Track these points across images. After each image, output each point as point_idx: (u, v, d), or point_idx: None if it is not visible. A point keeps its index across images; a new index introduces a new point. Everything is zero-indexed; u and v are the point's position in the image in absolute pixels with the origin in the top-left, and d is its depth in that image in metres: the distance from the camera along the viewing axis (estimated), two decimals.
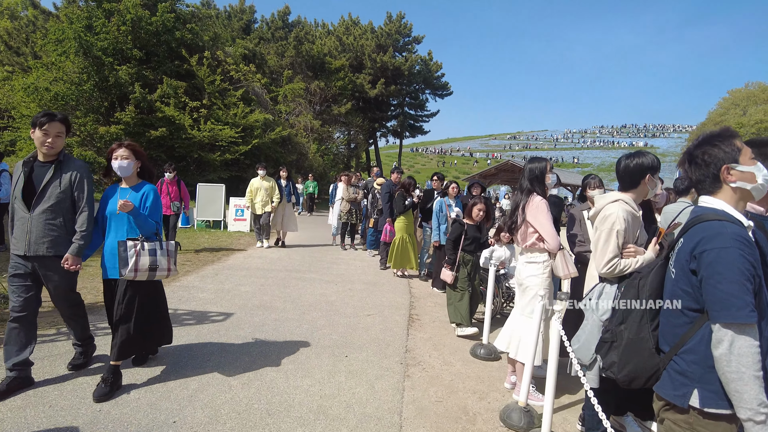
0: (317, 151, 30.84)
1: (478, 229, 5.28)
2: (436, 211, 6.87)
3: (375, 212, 10.06)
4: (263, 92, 26.76)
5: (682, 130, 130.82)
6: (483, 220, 5.30)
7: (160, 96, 20.70)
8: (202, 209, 12.89)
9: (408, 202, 7.83)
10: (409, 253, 7.78)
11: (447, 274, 5.13)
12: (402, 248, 7.80)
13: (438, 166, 79.76)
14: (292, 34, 32.25)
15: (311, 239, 12.51)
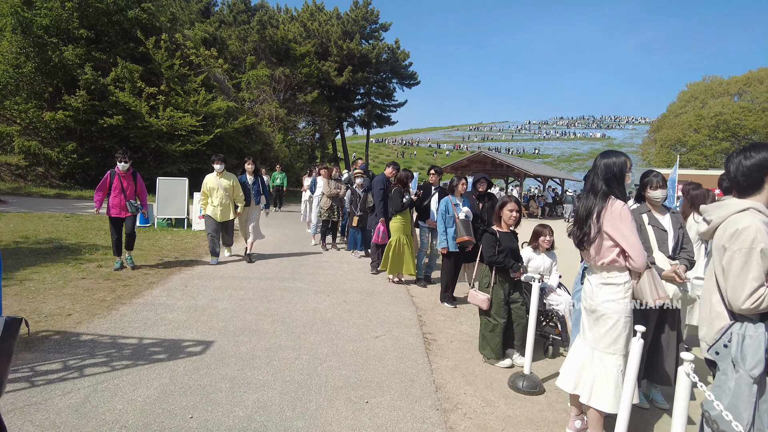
0: (283, 141, 29.48)
1: (513, 236, 4.47)
2: (441, 213, 6.01)
3: (358, 209, 9.17)
4: (225, 79, 25.21)
5: (635, 121, 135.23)
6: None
7: (114, 80, 18.96)
8: (162, 206, 11.63)
9: (406, 200, 6.97)
10: (406, 257, 6.95)
11: (480, 299, 4.28)
12: (398, 251, 6.96)
13: (398, 157, 79.16)
14: (255, 18, 30.64)
15: (286, 239, 11.50)
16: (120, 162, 6.90)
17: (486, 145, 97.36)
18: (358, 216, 9.14)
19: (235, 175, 8.19)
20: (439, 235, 6.01)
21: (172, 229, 11.43)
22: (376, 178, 7.91)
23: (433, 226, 7.08)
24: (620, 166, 2.97)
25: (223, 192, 7.97)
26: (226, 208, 8.05)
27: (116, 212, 6.93)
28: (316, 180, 10.79)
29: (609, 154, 3.02)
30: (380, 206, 7.68)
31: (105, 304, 5.22)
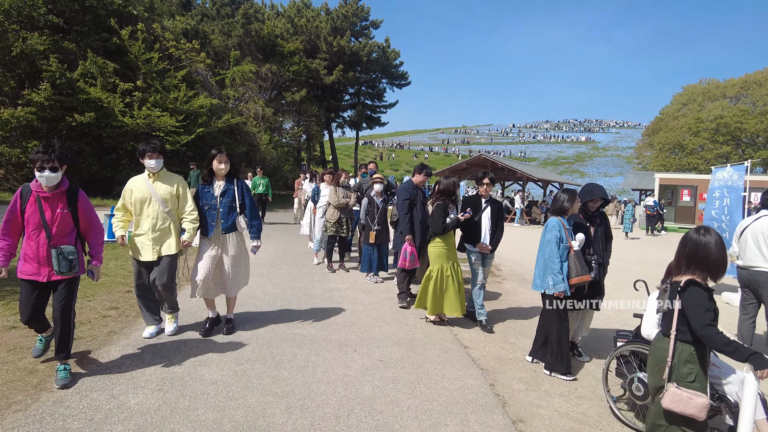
0: (269, 142, 27.69)
1: None
2: (551, 240, 4.18)
3: (375, 222, 7.55)
4: (208, 75, 23.36)
5: (618, 125, 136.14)
6: None
7: (82, 74, 17.02)
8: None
9: (452, 219, 5.37)
10: (451, 293, 5.33)
11: (697, 404, 2.50)
12: (441, 285, 5.35)
13: (379, 160, 77.74)
14: (239, 11, 28.81)
15: (282, 258, 9.82)
16: (41, 170, 3.42)
17: (472, 149, 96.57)
18: (376, 230, 7.51)
19: (183, 178, 4.76)
20: (552, 274, 4.14)
21: None
22: (401, 187, 6.33)
23: (485, 251, 5.51)
24: None
25: (159, 207, 4.49)
26: (165, 234, 4.53)
27: (31, 271, 3.55)
28: (318, 187, 9.13)
29: None
30: (405, 222, 6.11)
31: (25, 389, 3.52)
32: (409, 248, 6.01)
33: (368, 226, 7.61)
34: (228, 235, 4.79)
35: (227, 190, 4.76)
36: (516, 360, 4.67)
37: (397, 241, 6.38)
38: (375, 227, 7.53)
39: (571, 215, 4.34)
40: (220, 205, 4.70)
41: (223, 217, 4.71)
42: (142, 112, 17.53)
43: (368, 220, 7.64)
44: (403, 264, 6.14)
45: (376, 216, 7.58)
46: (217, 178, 4.81)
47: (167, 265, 4.52)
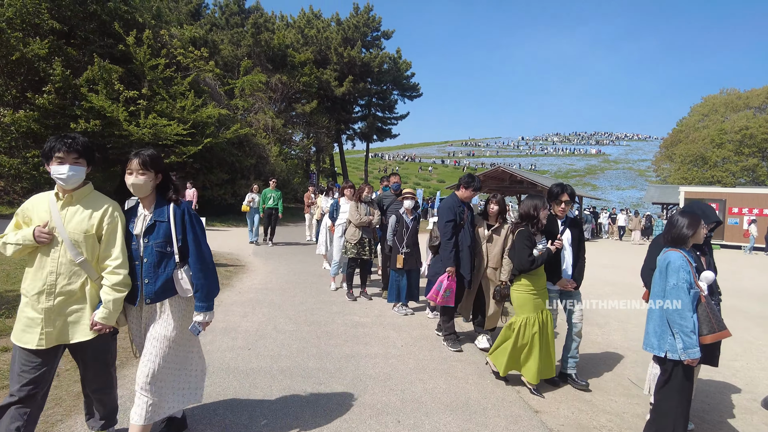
0: (279, 154, 26.86)
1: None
2: (684, 287, 3.00)
3: (404, 244, 6.51)
4: (217, 84, 22.61)
5: (628, 138, 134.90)
6: None
7: (87, 80, 16.27)
8: None
9: (540, 250, 4.12)
10: (539, 354, 4.09)
11: None
12: (524, 342, 4.12)
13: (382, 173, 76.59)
14: (249, 21, 28.18)
15: (294, 281, 8.80)
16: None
17: (484, 161, 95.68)
18: (405, 254, 6.47)
19: (118, 205, 2.82)
20: (682, 333, 2.96)
21: None
22: (444, 205, 5.26)
23: (568, 288, 4.36)
24: None
25: (66, 254, 2.57)
26: (70, 303, 2.60)
27: None
28: (338, 203, 8.13)
29: None
30: (449, 249, 5.04)
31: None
32: (446, 282, 4.96)
33: (396, 249, 6.57)
34: (158, 306, 2.77)
35: (155, 225, 2.76)
36: (605, 429, 3.60)
37: (436, 269, 5.33)
38: (404, 250, 6.49)
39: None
40: (143, 251, 2.73)
41: (147, 274, 2.71)
42: (148, 120, 16.72)
43: (396, 241, 6.61)
44: (432, 298, 5.12)
45: (405, 237, 6.55)
46: (142, 204, 2.85)
47: (93, 356, 2.73)
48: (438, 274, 5.18)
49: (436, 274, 5.23)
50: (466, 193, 5.28)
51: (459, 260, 5.05)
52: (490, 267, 5.04)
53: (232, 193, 21.41)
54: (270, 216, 13.15)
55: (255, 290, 7.55)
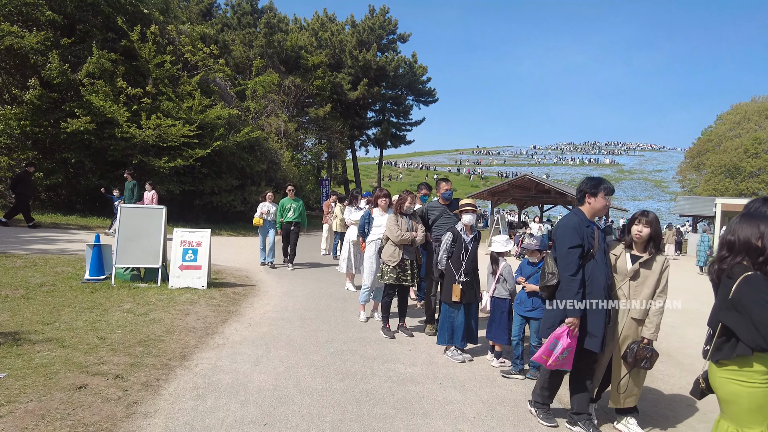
0: (291, 159, 25.56)
1: None
2: None
3: (462, 271, 5.07)
4: (227, 85, 21.39)
5: (642, 148, 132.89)
6: None
7: (87, 74, 15.10)
8: (125, 249, 7.49)
9: None
10: None
11: None
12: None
13: (397, 180, 75.84)
14: (262, 20, 27.11)
15: (316, 306, 7.37)
16: None
17: (498, 170, 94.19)
18: (462, 283, 5.05)
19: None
20: None
21: (137, 286, 7.28)
22: (564, 223, 3.62)
23: None
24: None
25: None
26: None
27: None
28: (370, 215, 6.69)
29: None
30: (573, 289, 3.41)
31: None
32: (566, 340, 3.47)
33: (451, 276, 5.14)
34: None
35: None
36: None
37: (551, 320, 3.63)
38: (461, 278, 5.06)
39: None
40: None
41: None
42: (151, 121, 15.47)
43: (451, 266, 5.17)
44: (541, 359, 3.53)
45: (464, 261, 5.11)
46: None
47: None
48: (553, 326, 3.58)
49: (549, 328, 3.63)
50: (598, 204, 3.58)
51: (586, 308, 3.49)
52: (632, 318, 3.56)
53: (241, 199, 20.11)
54: (289, 233, 10.41)
55: (269, 321, 6.13)
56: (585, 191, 3.61)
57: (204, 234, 7.73)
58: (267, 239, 10.58)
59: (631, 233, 3.56)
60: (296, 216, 10.31)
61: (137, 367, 4.14)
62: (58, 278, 7.36)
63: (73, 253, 9.56)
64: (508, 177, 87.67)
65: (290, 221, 10.26)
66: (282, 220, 10.20)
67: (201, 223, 18.60)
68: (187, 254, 7.57)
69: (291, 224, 10.30)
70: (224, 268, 9.94)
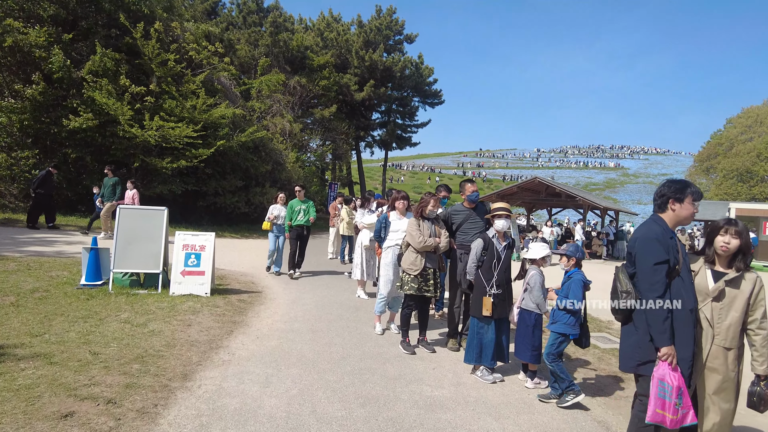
0: (296, 160, 25.10)
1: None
2: None
3: (494, 283, 4.59)
4: (232, 85, 20.98)
5: (643, 151, 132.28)
6: None
7: (90, 71, 14.71)
8: (123, 253, 7.03)
9: None
10: None
11: None
12: None
13: (398, 182, 75.62)
14: (267, 20, 26.66)
15: (325, 317, 6.90)
16: None
17: (500, 173, 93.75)
18: (494, 296, 4.56)
19: None
20: None
21: (135, 294, 6.82)
22: (645, 233, 3.00)
23: None
24: None
25: None
26: None
27: None
28: (387, 219, 6.20)
29: None
30: (662, 315, 2.83)
31: None
32: (673, 377, 2.75)
33: (481, 288, 4.66)
34: None
35: None
36: None
37: (640, 354, 2.94)
38: (493, 290, 4.58)
39: None
40: None
41: None
42: (154, 122, 15.03)
43: (481, 277, 4.69)
44: (659, 416, 2.76)
45: (496, 272, 4.63)
46: None
47: None
48: (642, 361, 2.93)
49: (639, 364, 2.95)
50: (685, 211, 3.02)
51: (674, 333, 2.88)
52: (718, 346, 3.07)
53: (246, 201, 19.66)
54: (299, 236, 9.61)
55: (278, 333, 5.65)
56: (668, 196, 3.04)
57: (208, 237, 7.26)
58: (276, 246, 9.84)
59: (715, 245, 3.05)
60: (306, 219, 9.50)
61: (133, 389, 3.67)
62: (53, 283, 6.90)
63: (71, 255, 9.11)
64: (513, 180, 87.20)
65: (300, 225, 9.48)
66: (290, 223, 9.39)
67: (204, 224, 18.17)
68: (189, 259, 7.10)
69: (301, 228, 9.54)
70: (228, 272, 9.48)
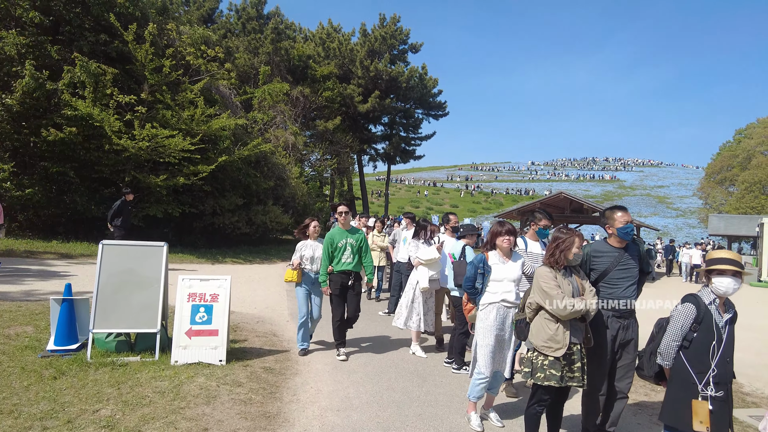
0: (300, 176, 23.33)
1: None
2: None
3: (711, 378, 2.80)
4: (231, 94, 19.23)
5: (636, 164, 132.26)
6: None
7: (68, 84, 12.91)
8: (108, 305, 5.16)
9: None
10: None
11: None
12: None
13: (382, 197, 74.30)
14: (269, 26, 25.11)
15: (387, 402, 5.07)
16: None
17: (495, 186, 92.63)
18: (711, 400, 2.77)
19: None
20: None
21: (126, 363, 4.94)
22: None
23: None
24: None
25: None
26: None
27: None
28: (485, 262, 4.36)
29: None
30: None
31: None
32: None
33: (687, 384, 2.87)
34: None
35: None
36: None
37: None
38: (711, 391, 2.79)
39: None
40: None
41: None
42: (146, 131, 13.20)
43: (687, 365, 2.90)
44: None
45: (715, 358, 2.85)
46: None
47: None
48: None
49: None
50: None
51: None
52: None
53: (246, 220, 17.80)
54: (346, 289, 5.90)
55: None
56: None
57: (221, 284, 5.41)
58: (309, 307, 6.07)
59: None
60: (355, 260, 5.93)
61: None
62: (8, 347, 5.07)
63: (42, 298, 7.22)
64: (515, 195, 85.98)
65: (346, 270, 5.86)
66: (332, 268, 5.84)
67: (200, 247, 16.29)
68: (197, 313, 5.25)
69: (349, 275, 5.88)
70: (240, 317, 7.61)
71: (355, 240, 5.97)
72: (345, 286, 5.86)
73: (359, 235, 6.08)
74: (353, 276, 5.89)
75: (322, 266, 5.83)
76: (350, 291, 5.91)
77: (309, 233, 6.16)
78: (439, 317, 6.73)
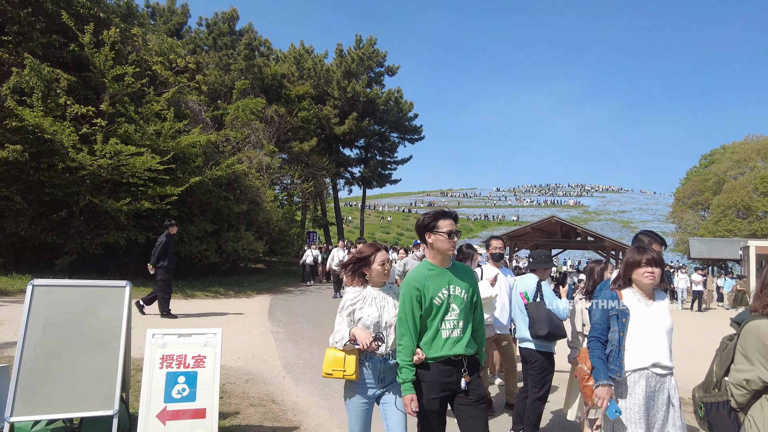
0: (275, 199, 21.69)
1: None
2: None
3: None
4: (201, 110, 17.61)
5: (599, 190, 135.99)
6: None
7: (13, 89, 11.11)
8: (37, 377, 3.49)
9: None
10: None
11: None
12: None
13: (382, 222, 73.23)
14: (242, 41, 23.69)
15: None
16: None
17: (462, 211, 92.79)
18: None
19: None
20: None
21: None
22: None
23: None
24: None
25: None
26: None
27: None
28: (627, 313, 2.98)
29: None
30: None
31: None
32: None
33: None
34: None
35: None
36: None
37: None
38: None
39: None
40: None
41: None
42: (109, 146, 11.45)
43: None
44: None
45: None
46: None
47: None
48: None
49: None
50: None
51: None
52: None
53: (216, 248, 15.99)
54: (453, 396, 2.75)
55: None
56: None
57: (208, 340, 3.80)
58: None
59: None
60: (467, 333, 2.78)
61: None
62: None
63: None
64: (486, 219, 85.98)
65: (455, 355, 2.72)
66: (422, 354, 2.70)
67: None
68: (175, 385, 3.62)
69: (459, 367, 2.74)
70: (223, 373, 5.92)
71: (464, 288, 2.81)
72: (453, 392, 2.75)
73: (471, 275, 2.95)
74: (468, 367, 2.77)
75: (401, 348, 2.73)
76: (462, 400, 2.74)
77: (371, 274, 2.95)
78: (485, 372, 5.30)
